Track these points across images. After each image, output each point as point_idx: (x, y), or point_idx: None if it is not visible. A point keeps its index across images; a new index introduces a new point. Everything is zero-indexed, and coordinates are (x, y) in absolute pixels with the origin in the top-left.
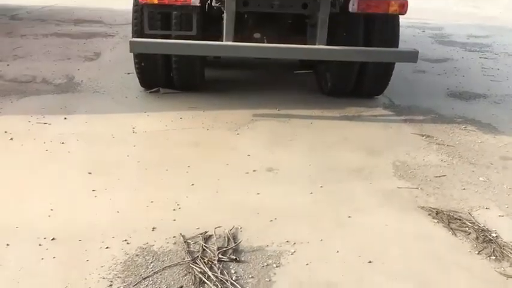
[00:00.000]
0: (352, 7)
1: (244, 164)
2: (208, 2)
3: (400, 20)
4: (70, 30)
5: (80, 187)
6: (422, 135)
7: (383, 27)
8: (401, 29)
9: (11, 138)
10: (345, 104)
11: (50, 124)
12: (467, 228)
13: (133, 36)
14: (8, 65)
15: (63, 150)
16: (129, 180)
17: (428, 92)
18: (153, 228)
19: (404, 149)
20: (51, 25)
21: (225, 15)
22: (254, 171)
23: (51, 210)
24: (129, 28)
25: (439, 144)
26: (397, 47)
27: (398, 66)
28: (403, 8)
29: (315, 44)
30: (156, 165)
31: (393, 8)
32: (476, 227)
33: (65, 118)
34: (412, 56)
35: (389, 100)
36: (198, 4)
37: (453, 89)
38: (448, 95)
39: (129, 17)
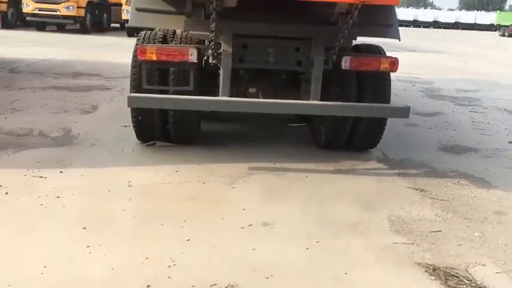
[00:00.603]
0: (345, 64)
1: (239, 219)
2: (205, 58)
3: (391, 74)
4: (68, 84)
5: (74, 243)
6: (416, 189)
7: (375, 84)
8: (392, 83)
9: (6, 193)
10: (339, 157)
11: (45, 178)
12: (464, 286)
13: (131, 91)
14: (5, 118)
15: (58, 204)
16: (124, 235)
17: (420, 146)
18: (148, 286)
19: (399, 203)
20: (49, 78)
21: (221, 71)
22: (250, 225)
23: (45, 267)
24: (126, 81)
25: (433, 198)
26: (388, 102)
27: (390, 120)
28: (394, 66)
29: (309, 99)
30: (152, 220)
31: (384, 66)
32: (473, 285)
33: (61, 172)
34: (404, 112)
35: (383, 153)
36: (195, 61)
37: (445, 143)
38: (440, 149)
39: (127, 70)
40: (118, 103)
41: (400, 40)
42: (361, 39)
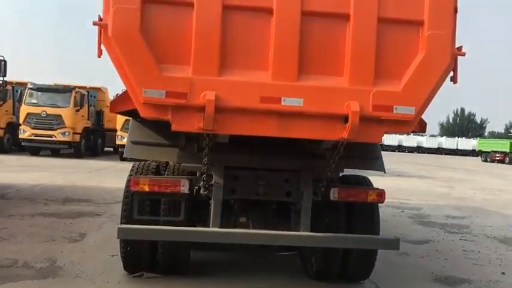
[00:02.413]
0: (333, 196)
1: None
2: (196, 188)
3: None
4: (58, 210)
5: None
6: None
7: (363, 215)
8: (381, 209)
9: None
10: None
11: None
12: None
13: (121, 222)
14: None
15: None
16: None
17: (413, 276)
18: None
19: None
20: (39, 204)
21: (212, 202)
22: None
23: None
24: (117, 207)
25: None
26: (378, 233)
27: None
28: (381, 197)
29: (299, 230)
30: None
31: (372, 197)
32: None
33: None
34: (393, 244)
35: (376, 285)
36: (187, 192)
37: (438, 273)
38: (433, 280)
39: (118, 195)
40: (107, 230)
41: (385, 172)
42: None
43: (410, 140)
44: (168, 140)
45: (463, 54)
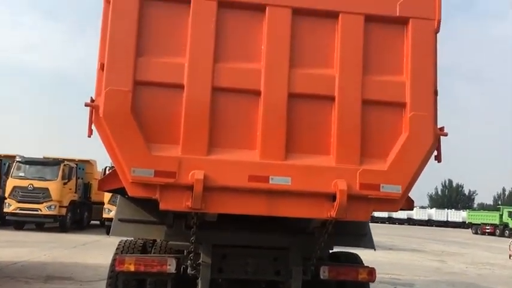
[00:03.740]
0: (323, 274)
1: None
2: (183, 267)
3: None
4: None
5: None
6: None
7: None
8: (373, 285)
9: None
10: None
11: None
12: None
13: None
14: None
15: None
16: None
17: None
18: None
19: None
20: (20, 283)
21: (199, 282)
22: None
23: None
24: (101, 285)
25: None
26: None
27: None
28: (372, 276)
29: None
30: None
31: (362, 276)
32: None
33: None
34: None
35: None
36: (173, 271)
37: None
38: None
39: (101, 271)
40: None
41: (375, 250)
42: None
43: (400, 212)
44: (156, 217)
45: (445, 135)
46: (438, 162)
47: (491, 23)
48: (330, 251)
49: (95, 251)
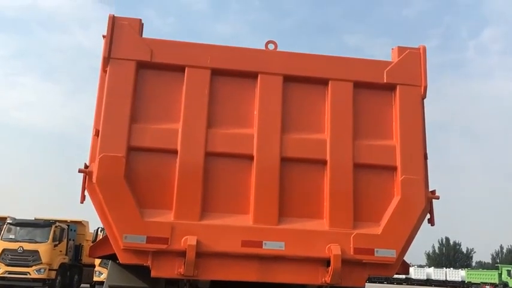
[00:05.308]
0: None
1: None
2: None
3: None
4: None
5: None
6: None
7: None
8: None
9: None
10: None
11: None
12: None
13: None
14: None
15: None
16: None
17: None
18: None
19: None
20: None
21: None
22: None
23: None
24: None
25: None
26: None
27: None
28: None
29: None
30: None
31: None
32: None
33: None
34: None
35: None
36: None
37: None
38: None
39: None
40: None
41: None
42: None
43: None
44: (148, 284)
45: (437, 198)
46: (431, 225)
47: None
48: None
49: None
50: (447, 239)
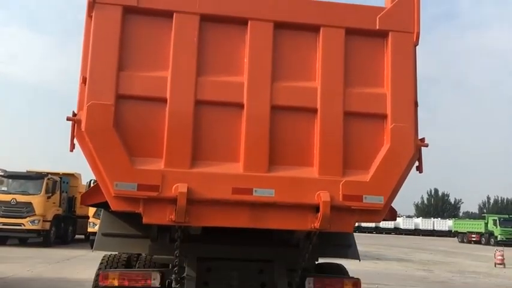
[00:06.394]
0: (309, 286)
1: None
2: (168, 281)
3: None
4: None
5: None
6: None
7: None
8: None
9: None
10: None
11: None
12: None
13: None
14: None
15: None
16: None
17: None
18: None
19: None
20: None
21: None
22: None
23: None
24: None
25: None
26: None
27: None
28: (357, 287)
29: None
30: None
31: (347, 287)
32: None
33: None
34: None
35: None
36: (158, 286)
37: None
38: None
39: (86, 287)
40: None
41: (360, 261)
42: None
43: (387, 222)
44: (140, 231)
45: (426, 145)
46: (420, 172)
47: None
48: (316, 263)
49: (80, 266)
50: (436, 190)
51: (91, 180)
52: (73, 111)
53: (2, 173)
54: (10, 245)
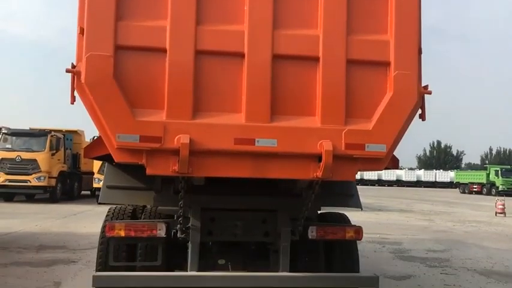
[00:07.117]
0: (311, 234)
1: None
2: (174, 232)
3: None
4: (31, 258)
5: None
6: None
7: (342, 252)
8: (362, 245)
9: None
10: None
11: None
12: None
13: (97, 268)
14: None
15: None
16: None
17: None
18: None
19: None
20: (12, 253)
21: (189, 245)
22: None
23: None
24: (93, 252)
25: None
26: (357, 270)
27: None
28: (359, 234)
29: (278, 270)
30: None
31: (349, 235)
32: None
33: None
34: (372, 282)
35: None
36: (163, 235)
37: None
38: None
39: (93, 240)
40: (83, 278)
41: (361, 209)
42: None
43: (389, 174)
44: (144, 183)
45: (429, 93)
46: (422, 120)
47: None
48: (318, 212)
49: (87, 221)
50: (438, 142)
51: (94, 137)
52: (72, 63)
53: (6, 131)
54: (17, 201)
